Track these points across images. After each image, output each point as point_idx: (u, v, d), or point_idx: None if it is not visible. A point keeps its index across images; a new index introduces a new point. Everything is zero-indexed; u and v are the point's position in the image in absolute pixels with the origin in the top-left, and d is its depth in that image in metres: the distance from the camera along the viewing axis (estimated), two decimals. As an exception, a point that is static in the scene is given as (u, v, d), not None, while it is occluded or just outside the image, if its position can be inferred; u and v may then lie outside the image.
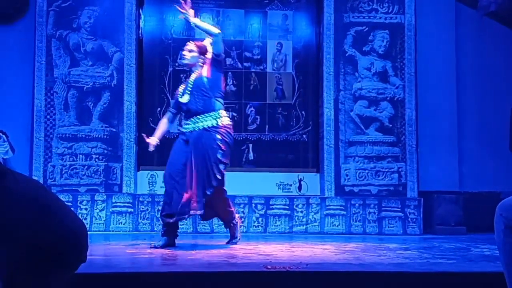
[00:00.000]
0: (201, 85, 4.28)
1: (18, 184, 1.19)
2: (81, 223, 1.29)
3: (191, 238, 5.25)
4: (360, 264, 3.27)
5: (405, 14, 6.24)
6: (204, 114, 4.26)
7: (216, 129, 4.24)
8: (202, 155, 4.17)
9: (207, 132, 4.22)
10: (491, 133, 6.63)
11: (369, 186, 6.10)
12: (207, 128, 4.24)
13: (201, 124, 4.25)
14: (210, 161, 4.16)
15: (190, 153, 4.20)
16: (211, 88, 4.29)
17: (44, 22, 5.90)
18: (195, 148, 4.19)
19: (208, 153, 4.17)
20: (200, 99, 4.27)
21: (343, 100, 6.16)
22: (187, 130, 4.31)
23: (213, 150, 4.18)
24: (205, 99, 4.27)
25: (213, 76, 4.30)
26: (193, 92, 4.29)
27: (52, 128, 5.88)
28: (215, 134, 4.22)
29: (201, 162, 4.16)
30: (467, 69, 6.68)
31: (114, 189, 5.88)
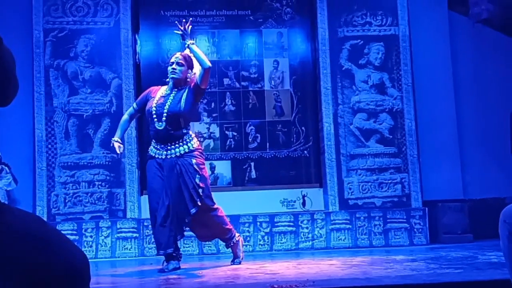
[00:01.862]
0: (176, 115, 4.18)
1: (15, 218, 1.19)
2: (83, 255, 1.28)
3: (197, 260, 5.23)
4: (367, 279, 3.26)
5: (399, 25, 6.28)
6: (175, 142, 4.20)
7: (190, 154, 4.18)
8: (178, 183, 4.11)
9: (181, 159, 4.16)
10: (492, 139, 6.63)
11: (373, 198, 6.09)
12: (180, 155, 4.17)
13: (173, 152, 4.18)
14: (187, 188, 4.09)
15: (164, 180, 4.14)
16: (185, 119, 4.24)
17: (41, 53, 5.94)
18: (170, 176, 4.13)
19: (185, 180, 4.10)
20: (172, 127, 4.19)
21: (342, 114, 6.18)
22: (159, 157, 4.23)
23: (189, 176, 4.11)
24: (177, 129, 4.20)
25: (189, 107, 4.22)
26: (168, 120, 4.17)
27: (54, 157, 5.89)
28: (190, 159, 4.16)
29: (177, 190, 4.10)
30: (464, 77, 6.70)
31: (118, 215, 5.88)
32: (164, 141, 4.22)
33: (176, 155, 4.17)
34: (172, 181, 4.12)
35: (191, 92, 4.25)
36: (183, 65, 4.32)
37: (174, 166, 4.13)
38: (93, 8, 6.07)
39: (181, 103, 4.21)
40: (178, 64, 4.31)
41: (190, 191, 4.09)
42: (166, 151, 4.20)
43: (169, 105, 4.21)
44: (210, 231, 4.38)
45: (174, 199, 4.09)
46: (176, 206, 4.10)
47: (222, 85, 6.33)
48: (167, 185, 4.12)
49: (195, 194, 4.10)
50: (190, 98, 4.24)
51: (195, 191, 4.10)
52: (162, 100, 4.27)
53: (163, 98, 4.28)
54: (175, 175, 4.12)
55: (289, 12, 6.49)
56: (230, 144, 6.29)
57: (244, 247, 4.75)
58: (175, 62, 4.33)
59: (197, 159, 4.18)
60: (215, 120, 6.29)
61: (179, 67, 4.31)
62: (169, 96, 4.28)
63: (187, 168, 4.12)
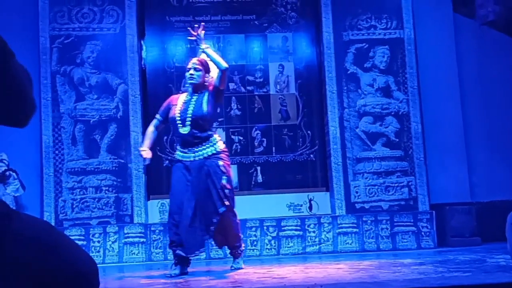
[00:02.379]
0: (200, 119, 4.26)
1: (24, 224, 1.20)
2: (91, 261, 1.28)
3: (205, 265, 5.23)
4: (374, 282, 3.25)
5: (404, 28, 6.28)
6: (202, 144, 4.27)
7: (216, 155, 4.26)
8: (206, 184, 4.18)
9: (208, 160, 4.24)
10: (499, 141, 6.61)
11: (379, 202, 6.07)
12: (208, 156, 4.25)
13: (201, 153, 4.26)
14: (215, 188, 4.17)
15: (192, 182, 4.20)
16: (209, 121, 4.33)
17: (48, 59, 5.97)
18: (198, 177, 4.20)
19: (213, 181, 4.18)
20: (197, 130, 4.27)
21: (348, 118, 6.17)
22: (186, 160, 4.29)
23: (217, 176, 4.19)
24: (202, 132, 4.28)
25: (212, 109, 4.31)
26: (192, 124, 4.26)
27: (61, 163, 5.90)
28: (217, 161, 4.24)
29: (205, 191, 4.17)
30: (470, 79, 6.68)
31: (125, 220, 5.88)
32: (191, 145, 4.28)
33: (204, 157, 4.25)
34: (201, 182, 4.19)
35: (211, 95, 4.34)
36: (200, 70, 4.39)
37: (202, 167, 4.21)
38: (99, 14, 6.10)
39: (203, 106, 4.29)
40: (195, 70, 4.38)
41: (218, 191, 4.17)
42: (193, 154, 4.27)
43: (192, 109, 4.29)
44: (225, 236, 4.40)
45: (202, 199, 4.16)
46: (203, 206, 4.16)
47: (228, 89, 6.31)
48: (195, 186, 4.19)
49: (222, 194, 4.18)
50: (211, 101, 4.32)
51: (222, 191, 4.18)
52: (184, 106, 4.35)
53: (185, 103, 4.36)
54: (203, 176, 4.20)
55: (293, 16, 6.49)
56: (236, 149, 6.29)
57: (251, 251, 4.74)
58: (192, 67, 4.40)
59: (223, 161, 4.27)
60: (221, 125, 6.29)
61: (197, 72, 4.37)
62: (190, 101, 4.35)
63: (215, 170, 4.21)
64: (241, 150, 6.30)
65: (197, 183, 4.19)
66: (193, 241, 4.17)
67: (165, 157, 6.23)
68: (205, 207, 4.16)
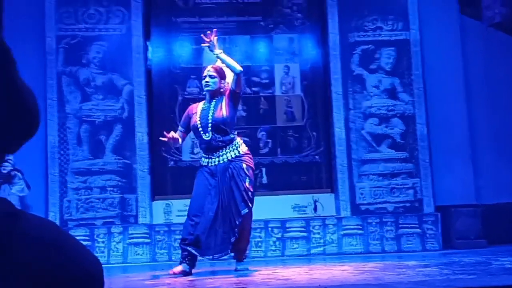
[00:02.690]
0: (221, 123, 4.34)
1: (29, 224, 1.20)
2: (96, 261, 1.29)
3: (209, 266, 5.23)
4: (379, 284, 3.24)
5: (410, 30, 6.27)
6: (225, 148, 4.36)
7: (240, 158, 4.35)
8: (230, 185, 4.26)
9: (232, 162, 4.32)
10: (504, 143, 6.59)
11: (385, 203, 6.07)
12: (232, 159, 4.33)
13: (225, 157, 4.34)
14: (239, 190, 4.25)
15: (217, 185, 4.28)
16: (229, 125, 4.39)
17: (54, 60, 5.99)
18: (223, 179, 4.28)
19: (237, 183, 4.26)
20: (220, 135, 4.35)
21: (354, 119, 6.17)
22: (211, 164, 4.36)
23: (240, 179, 4.27)
24: (223, 135, 4.37)
25: (231, 113, 4.39)
26: (213, 130, 4.34)
27: (66, 163, 5.92)
28: (240, 163, 4.32)
29: (229, 192, 4.25)
30: (475, 81, 6.66)
31: (130, 221, 5.90)
32: (215, 149, 4.36)
33: (228, 159, 4.33)
34: (225, 184, 4.27)
35: (229, 99, 4.40)
36: (216, 76, 4.44)
37: (227, 170, 4.30)
38: (105, 15, 6.11)
39: (223, 111, 4.36)
40: (210, 77, 4.44)
41: (242, 193, 4.24)
42: (218, 158, 4.35)
43: (212, 115, 4.36)
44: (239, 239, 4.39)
45: (226, 200, 4.24)
46: (227, 208, 4.23)
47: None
48: (219, 187, 4.27)
49: (246, 196, 4.26)
50: (229, 104, 4.38)
51: (245, 193, 4.26)
52: (204, 113, 4.42)
53: (204, 111, 4.43)
54: (227, 178, 4.28)
55: (299, 17, 6.50)
56: (241, 150, 6.27)
57: (256, 252, 4.75)
58: (207, 75, 4.46)
59: (247, 164, 4.35)
60: (226, 126, 6.28)
61: (212, 79, 4.44)
62: (209, 108, 4.42)
63: (238, 172, 4.29)
64: (246, 151, 6.29)
65: (222, 185, 4.28)
66: (212, 243, 4.23)
67: (170, 158, 6.24)
68: (228, 208, 4.24)
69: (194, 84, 6.35)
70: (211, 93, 4.44)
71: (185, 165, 6.24)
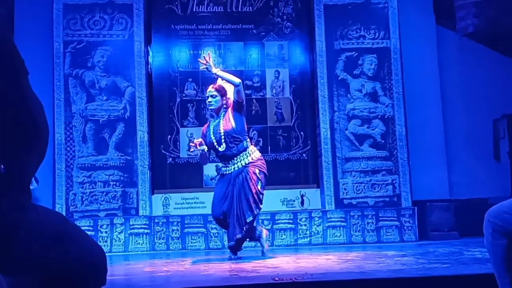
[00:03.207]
0: (232, 133, 4.42)
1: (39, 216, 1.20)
2: (100, 249, 1.29)
3: (204, 254, 5.23)
4: (361, 272, 3.25)
5: (390, 38, 6.28)
6: (239, 155, 4.45)
7: (253, 164, 4.44)
8: (243, 187, 4.37)
9: (246, 168, 4.42)
10: (477, 144, 6.62)
11: (366, 198, 6.08)
12: (246, 165, 4.42)
13: (239, 164, 4.44)
14: (251, 192, 4.35)
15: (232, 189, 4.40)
16: (240, 133, 4.47)
17: (61, 63, 5.96)
18: (237, 182, 4.40)
19: (249, 186, 4.36)
20: (234, 144, 4.44)
21: (338, 120, 6.18)
22: (228, 172, 4.47)
23: (253, 182, 4.38)
24: (237, 144, 4.45)
25: (238, 121, 4.46)
26: (227, 140, 4.43)
27: (72, 159, 5.90)
28: (254, 168, 4.42)
29: (243, 193, 4.36)
30: (450, 86, 6.69)
31: (131, 213, 5.88)
32: (231, 158, 4.47)
33: (242, 165, 4.43)
34: (239, 186, 4.38)
35: (234, 109, 4.48)
36: (216, 95, 4.53)
37: (241, 173, 4.42)
38: (109, 22, 6.09)
39: (231, 122, 4.45)
40: (212, 97, 4.55)
41: (253, 195, 4.35)
42: (233, 165, 4.46)
43: (223, 128, 4.45)
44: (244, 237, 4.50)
45: (239, 200, 4.35)
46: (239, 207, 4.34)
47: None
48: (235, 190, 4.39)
49: (257, 198, 4.38)
50: (235, 114, 4.47)
51: (257, 196, 4.38)
52: (215, 129, 4.51)
53: (216, 127, 4.53)
54: (240, 181, 4.39)
55: (289, 26, 6.49)
56: (234, 148, 6.27)
57: (247, 242, 4.75)
58: (209, 95, 4.57)
59: (259, 168, 4.46)
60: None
61: (214, 99, 4.53)
62: (219, 123, 4.51)
63: (251, 176, 4.39)
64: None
65: (237, 187, 4.38)
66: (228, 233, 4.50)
67: (168, 154, 6.22)
68: (240, 207, 4.33)
69: (191, 86, 6.34)
70: (215, 110, 4.57)
71: (182, 161, 6.24)
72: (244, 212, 4.32)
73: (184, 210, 6.02)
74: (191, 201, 6.09)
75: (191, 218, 5.85)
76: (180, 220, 5.84)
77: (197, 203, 6.08)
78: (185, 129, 6.26)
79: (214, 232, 5.78)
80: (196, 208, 6.04)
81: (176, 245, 5.79)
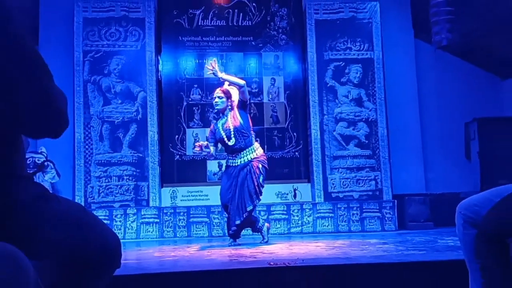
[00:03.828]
0: (240, 129, 4.40)
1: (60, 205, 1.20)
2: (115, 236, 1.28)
3: (207, 242, 5.22)
4: (346, 258, 3.25)
5: (374, 50, 6.28)
6: (245, 150, 4.43)
7: (257, 159, 4.43)
8: (246, 179, 4.35)
9: (251, 162, 4.40)
10: (450, 144, 6.64)
11: (351, 192, 6.08)
12: (251, 160, 4.41)
13: (245, 158, 4.42)
14: (253, 184, 4.33)
15: (237, 180, 4.37)
16: (247, 129, 4.45)
17: (80, 70, 5.95)
18: (241, 174, 4.38)
19: (252, 178, 4.35)
20: (242, 139, 4.42)
21: (327, 123, 6.18)
22: (234, 165, 4.45)
23: (256, 176, 4.36)
24: (245, 138, 4.43)
25: (244, 119, 4.45)
26: (236, 135, 4.41)
27: (90, 156, 5.89)
28: (258, 163, 4.41)
29: (245, 185, 4.34)
30: (427, 92, 6.71)
31: (142, 204, 5.87)
32: (238, 151, 4.44)
33: (248, 159, 4.41)
34: (243, 178, 4.36)
35: (239, 108, 4.46)
36: (223, 97, 4.48)
37: (245, 167, 4.40)
38: (124, 34, 6.08)
39: (238, 119, 4.42)
40: (219, 98, 4.50)
41: (255, 187, 4.34)
42: (239, 159, 4.44)
43: (232, 124, 4.42)
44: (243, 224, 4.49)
45: (241, 191, 4.34)
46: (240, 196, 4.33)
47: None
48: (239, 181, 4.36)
49: (258, 189, 4.35)
50: (241, 112, 4.46)
51: (258, 188, 4.36)
52: (224, 126, 4.48)
53: (223, 124, 4.49)
54: (244, 174, 4.37)
55: (284, 38, 6.49)
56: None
57: (245, 231, 4.75)
58: (216, 97, 4.52)
59: (262, 164, 4.44)
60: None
61: (220, 100, 4.49)
62: (226, 120, 4.48)
63: (254, 170, 4.38)
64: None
65: (241, 179, 4.36)
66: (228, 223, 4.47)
67: (176, 152, 6.22)
68: (241, 196, 4.32)
69: (196, 92, 6.33)
70: (220, 110, 4.52)
71: (188, 158, 6.23)
72: (245, 201, 4.32)
73: (189, 202, 6.02)
74: (196, 194, 6.09)
75: (196, 209, 5.85)
76: (186, 211, 5.84)
77: (201, 196, 6.07)
78: (191, 129, 6.26)
79: (216, 221, 5.78)
80: (200, 200, 6.04)
81: (183, 233, 5.79)
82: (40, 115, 1.07)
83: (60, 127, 1.12)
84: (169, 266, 3.27)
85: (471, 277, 1.70)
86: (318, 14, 6.30)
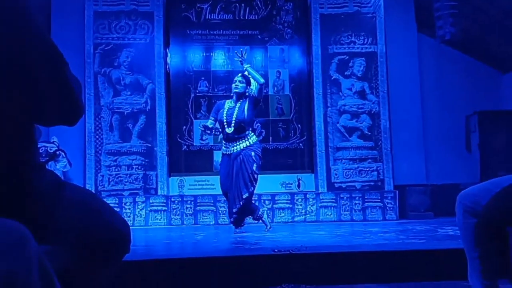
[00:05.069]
0: (242, 122, 4.37)
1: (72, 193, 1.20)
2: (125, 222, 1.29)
3: (214, 229, 5.24)
4: (349, 246, 3.26)
5: (377, 44, 6.24)
6: (240, 140, 4.39)
7: (250, 148, 4.38)
8: (240, 167, 4.32)
9: (244, 150, 4.37)
10: (450, 137, 6.61)
11: (354, 182, 6.08)
12: (244, 148, 4.38)
13: (239, 147, 4.38)
14: (247, 172, 4.30)
15: (232, 169, 4.36)
16: (248, 124, 4.43)
17: (91, 62, 5.95)
18: (235, 163, 4.35)
19: (246, 166, 4.32)
20: (240, 131, 4.38)
21: (331, 115, 6.16)
22: (228, 153, 4.43)
23: (249, 164, 4.32)
24: (243, 131, 4.40)
25: (250, 115, 4.40)
26: (235, 126, 4.38)
27: (100, 146, 5.91)
28: (250, 151, 4.36)
29: (240, 173, 4.31)
30: (429, 86, 6.67)
31: (151, 192, 5.89)
32: (233, 141, 4.40)
33: (241, 148, 4.37)
34: (237, 166, 4.33)
35: (251, 103, 4.40)
36: (244, 82, 4.45)
37: (238, 156, 4.36)
38: (133, 27, 6.07)
39: (245, 113, 4.37)
40: (240, 82, 4.46)
41: (249, 175, 4.30)
42: (233, 147, 4.40)
43: (236, 115, 4.37)
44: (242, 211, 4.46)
45: (236, 179, 4.32)
46: (236, 184, 4.32)
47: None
48: (234, 169, 4.34)
49: (252, 177, 4.32)
50: (250, 108, 4.40)
51: (252, 175, 4.32)
52: (230, 111, 4.43)
53: (231, 109, 4.44)
54: (238, 162, 4.34)
55: (289, 32, 6.46)
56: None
57: (250, 219, 4.76)
58: (237, 80, 4.48)
59: (255, 152, 4.39)
60: (229, 118, 6.26)
61: (241, 84, 4.45)
62: (235, 108, 4.42)
63: (248, 158, 4.34)
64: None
65: (236, 167, 4.34)
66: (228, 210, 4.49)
67: (183, 143, 6.22)
68: (237, 185, 4.31)
69: (204, 84, 6.32)
70: (238, 94, 4.44)
71: (195, 149, 6.24)
72: (241, 189, 4.29)
73: (196, 191, 6.03)
74: (202, 183, 6.10)
75: (203, 198, 5.87)
76: (193, 199, 5.86)
77: (208, 185, 6.09)
78: (198, 120, 6.24)
79: (222, 210, 5.80)
80: (207, 189, 6.05)
81: (190, 220, 5.82)
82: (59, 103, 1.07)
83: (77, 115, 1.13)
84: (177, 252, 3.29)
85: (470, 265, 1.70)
86: (323, 8, 6.26)
